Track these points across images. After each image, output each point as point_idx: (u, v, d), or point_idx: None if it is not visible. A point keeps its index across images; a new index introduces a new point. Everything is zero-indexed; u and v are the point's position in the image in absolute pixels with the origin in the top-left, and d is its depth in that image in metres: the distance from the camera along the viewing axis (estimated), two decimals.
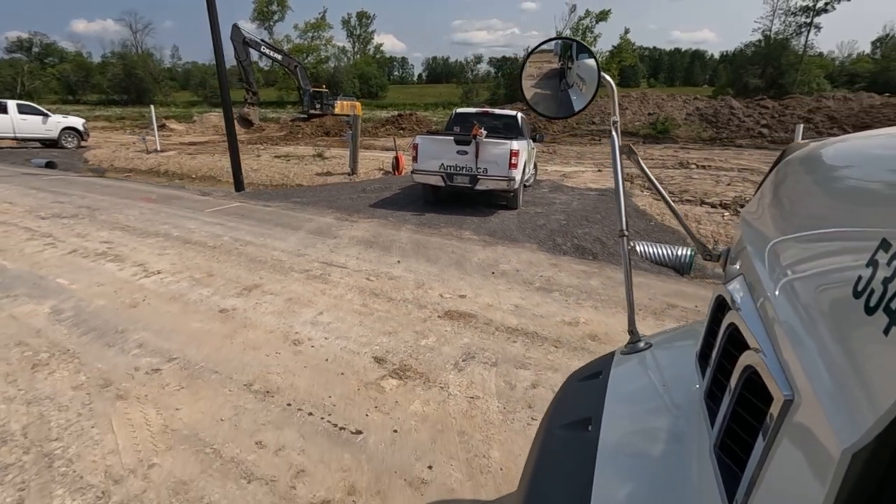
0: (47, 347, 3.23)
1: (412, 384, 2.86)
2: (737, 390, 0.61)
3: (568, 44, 1.41)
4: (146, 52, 67.03)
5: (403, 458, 2.27)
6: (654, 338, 1.13)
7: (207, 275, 4.56)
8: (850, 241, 0.52)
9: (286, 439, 2.38)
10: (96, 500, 2.02)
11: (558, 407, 1.02)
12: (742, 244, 0.88)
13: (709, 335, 0.86)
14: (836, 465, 0.37)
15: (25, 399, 2.68)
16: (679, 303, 4.17)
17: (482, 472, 2.19)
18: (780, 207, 0.78)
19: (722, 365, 0.72)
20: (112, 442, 2.36)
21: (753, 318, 0.65)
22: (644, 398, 0.94)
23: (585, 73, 1.33)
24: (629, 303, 1.19)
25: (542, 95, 1.44)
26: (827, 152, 0.74)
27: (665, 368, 1.01)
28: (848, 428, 0.38)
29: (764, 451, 0.51)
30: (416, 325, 3.61)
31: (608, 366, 1.05)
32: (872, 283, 0.42)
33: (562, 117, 1.42)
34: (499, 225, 6.73)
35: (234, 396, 2.73)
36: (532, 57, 1.43)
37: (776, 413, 0.50)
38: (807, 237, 0.63)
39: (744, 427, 0.59)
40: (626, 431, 0.84)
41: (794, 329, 0.53)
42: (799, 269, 0.60)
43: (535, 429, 2.37)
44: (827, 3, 44.52)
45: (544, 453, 0.85)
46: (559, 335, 3.48)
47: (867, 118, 22.46)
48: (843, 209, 0.58)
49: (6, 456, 2.26)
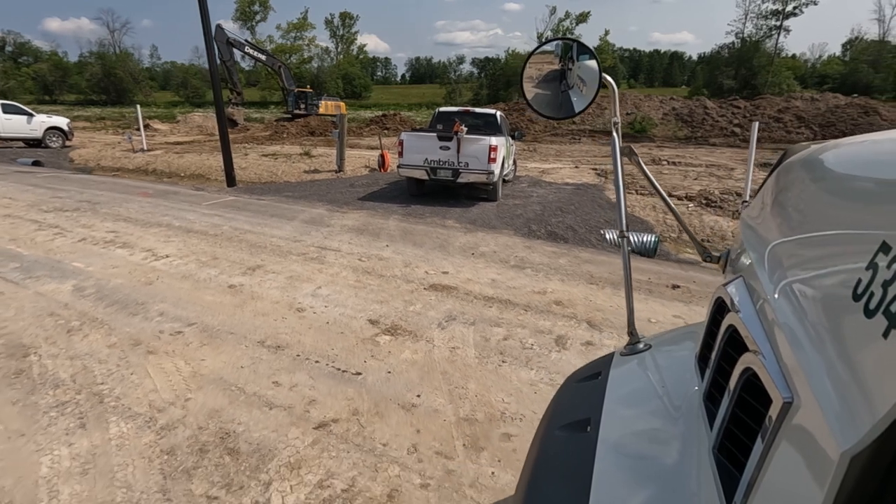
0: (77, 317, 3.64)
1: (402, 339, 3.36)
2: (736, 392, 0.61)
3: (569, 45, 1.41)
4: (125, 52, 66.17)
5: (397, 390, 2.76)
6: (653, 339, 1.13)
7: (213, 258, 4.99)
8: (850, 244, 0.51)
9: (298, 380, 2.86)
10: (145, 423, 2.48)
11: (557, 408, 1.01)
12: (742, 246, 0.88)
13: (708, 337, 0.85)
14: (835, 468, 0.37)
15: (68, 356, 3.11)
16: (635, 276, 4.74)
17: (460, 398, 2.70)
18: (780, 210, 0.77)
19: (721, 367, 0.72)
20: (150, 384, 2.81)
21: (753, 320, 0.65)
22: (643, 399, 0.93)
23: (586, 74, 1.33)
24: (629, 304, 1.18)
25: (543, 96, 1.44)
26: (827, 155, 0.73)
27: (664, 370, 1.00)
28: (847, 430, 0.38)
29: (762, 454, 0.51)
30: (404, 295, 4.11)
31: (607, 367, 1.05)
32: (872, 285, 0.42)
33: (563, 118, 1.42)
34: (479, 214, 7.26)
35: (249, 350, 3.19)
36: (533, 58, 1.43)
37: (775, 415, 0.50)
38: (807, 240, 0.63)
39: (743, 429, 0.59)
40: (625, 433, 0.83)
41: (793, 331, 0.53)
42: (799, 272, 0.60)
43: (505, 369, 2.90)
44: (795, 7, 46.27)
45: (543, 454, 0.85)
46: (529, 301, 4.01)
47: (832, 117, 23.63)
48: (843, 212, 0.58)
49: (61, 396, 2.70)
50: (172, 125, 28.76)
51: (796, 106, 26.91)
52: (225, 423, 2.48)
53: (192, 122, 29.04)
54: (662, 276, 4.82)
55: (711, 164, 14.23)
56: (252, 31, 59.03)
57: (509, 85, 48.85)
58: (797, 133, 23.38)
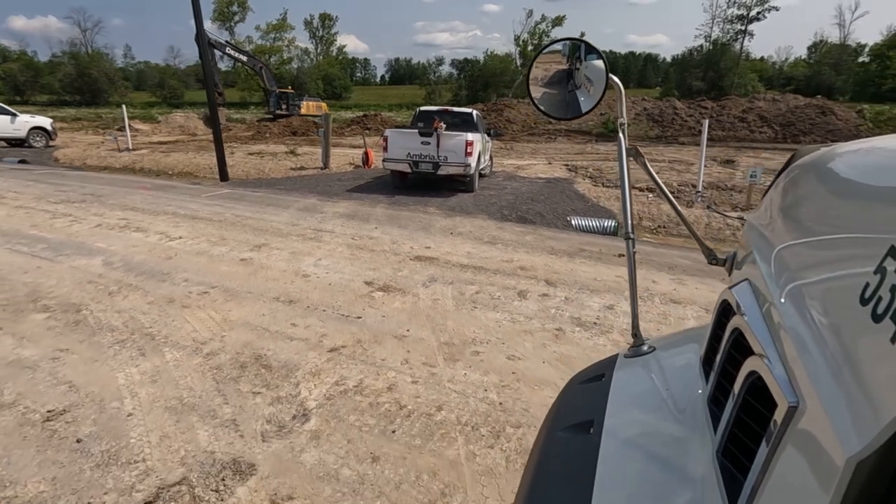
0: (113, 283, 4.27)
1: (393, 294, 4.08)
2: (741, 396, 0.61)
3: (576, 44, 1.39)
4: (97, 52, 65.12)
5: (390, 327, 3.49)
6: (657, 341, 1.13)
7: (221, 239, 5.63)
8: (858, 248, 0.51)
9: (310, 322, 3.56)
10: (193, 351, 3.15)
11: (560, 409, 1.01)
12: (748, 249, 0.88)
13: (713, 340, 0.85)
14: (840, 474, 0.37)
15: (114, 310, 3.75)
16: (587, 248, 5.56)
17: (441, 331, 3.43)
18: (788, 213, 0.77)
19: (726, 370, 0.72)
20: (190, 327, 3.48)
21: (759, 323, 0.64)
22: (647, 402, 0.93)
23: (593, 74, 1.31)
24: (633, 306, 1.17)
25: (550, 96, 1.42)
26: (836, 158, 0.73)
27: (668, 372, 1.00)
28: (853, 436, 0.37)
29: (767, 458, 0.50)
30: (393, 264, 4.83)
31: (611, 369, 1.04)
32: (880, 290, 0.41)
33: (570, 118, 1.41)
34: (457, 203, 8.03)
35: (267, 304, 3.87)
36: (539, 58, 1.41)
37: (780, 419, 0.50)
38: (814, 243, 0.62)
39: (747, 433, 0.58)
40: (629, 435, 0.83)
41: (799, 335, 0.53)
42: (805, 275, 0.60)
43: (476, 313, 3.66)
44: (759, 13, 48.43)
45: (545, 456, 0.85)
46: (498, 267, 4.78)
47: (792, 117, 25.15)
48: (851, 215, 0.58)
49: (119, 336, 3.35)
50: (154, 125, 28.80)
51: (759, 106, 28.32)
52: (256, 350, 3.17)
53: (173, 122, 29.12)
54: (612, 248, 5.64)
55: (675, 159, 15.28)
56: (231, 31, 58.81)
57: (488, 86, 49.87)
58: (760, 132, 24.84)
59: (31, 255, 4.95)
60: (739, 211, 9.06)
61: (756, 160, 14.72)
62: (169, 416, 2.52)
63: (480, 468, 2.18)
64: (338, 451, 2.27)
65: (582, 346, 3.28)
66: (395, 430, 2.42)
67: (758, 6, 48.34)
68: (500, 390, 2.75)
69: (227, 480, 2.10)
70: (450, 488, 2.06)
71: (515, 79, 49.75)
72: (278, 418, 2.50)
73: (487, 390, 2.75)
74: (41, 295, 3.98)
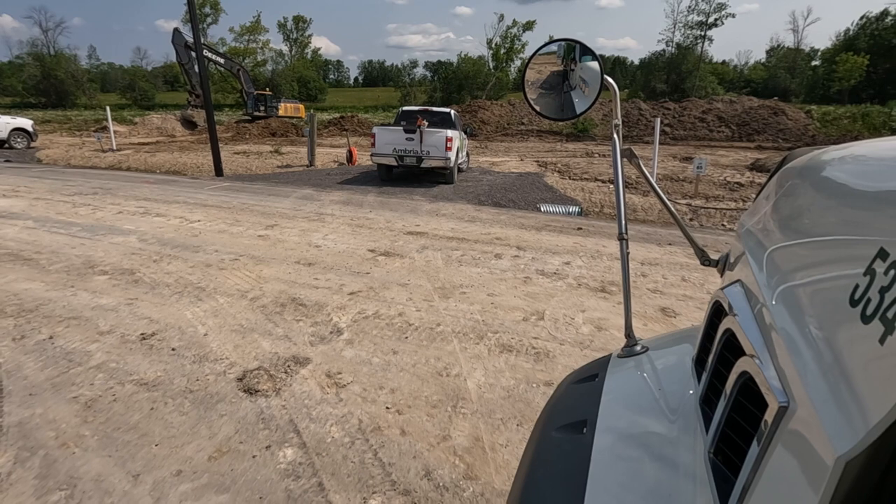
0: (154, 254, 5.05)
1: (393, 258, 4.99)
2: (732, 396, 0.62)
3: (571, 46, 1.39)
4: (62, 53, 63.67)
5: (394, 278, 4.40)
6: (650, 342, 1.13)
7: (235, 221, 6.43)
8: (848, 250, 0.52)
9: (329, 277, 4.44)
10: (239, 297, 3.99)
11: (553, 409, 1.01)
12: (740, 250, 0.88)
13: (705, 340, 0.85)
14: (830, 473, 0.38)
15: (164, 272, 4.54)
16: (551, 224, 6.58)
17: (435, 280, 4.36)
18: (779, 214, 0.78)
19: (718, 370, 0.73)
20: (232, 282, 4.31)
21: (750, 323, 0.65)
22: (640, 402, 0.94)
23: (588, 75, 1.33)
24: (626, 306, 1.17)
25: (545, 97, 1.44)
26: (827, 161, 0.74)
27: (661, 372, 1.01)
28: (842, 436, 0.38)
29: (758, 458, 0.51)
30: (389, 238, 5.73)
31: (604, 369, 1.05)
32: (869, 291, 0.42)
33: (565, 119, 1.42)
34: (440, 192, 8.98)
35: (290, 266, 4.73)
36: (535, 59, 1.42)
37: (771, 419, 0.50)
38: (805, 244, 0.63)
39: (738, 433, 0.59)
40: (622, 435, 0.84)
41: (790, 336, 0.53)
42: (796, 276, 0.60)
43: (461, 268, 4.62)
44: (716, 19, 51.10)
45: (538, 455, 0.86)
46: (477, 238, 5.74)
47: (747, 118, 26.98)
48: (841, 217, 0.59)
49: (174, 289, 4.15)
50: (130, 127, 28.84)
51: (718, 108, 30.10)
52: (291, 295, 4.03)
53: (150, 123, 29.21)
54: (572, 223, 6.68)
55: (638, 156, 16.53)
56: (203, 33, 58.50)
57: (462, 88, 50.97)
58: (718, 132, 26.59)
59: (70, 235, 5.66)
60: (688, 199, 10.25)
61: (712, 157, 16.06)
62: (235, 334, 3.37)
63: (470, 354, 3.11)
64: (368, 349, 3.17)
65: (543, 287, 4.26)
66: (407, 336, 3.33)
67: (715, 13, 51.00)
68: (483, 313, 3.70)
69: (291, 366, 2.98)
70: (449, 366, 2.99)
71: (489, 81, 51.05)
72: (320, 333, 3.38)
73: (473, 314, 3.69)
74: (95, 263, 4.73)
